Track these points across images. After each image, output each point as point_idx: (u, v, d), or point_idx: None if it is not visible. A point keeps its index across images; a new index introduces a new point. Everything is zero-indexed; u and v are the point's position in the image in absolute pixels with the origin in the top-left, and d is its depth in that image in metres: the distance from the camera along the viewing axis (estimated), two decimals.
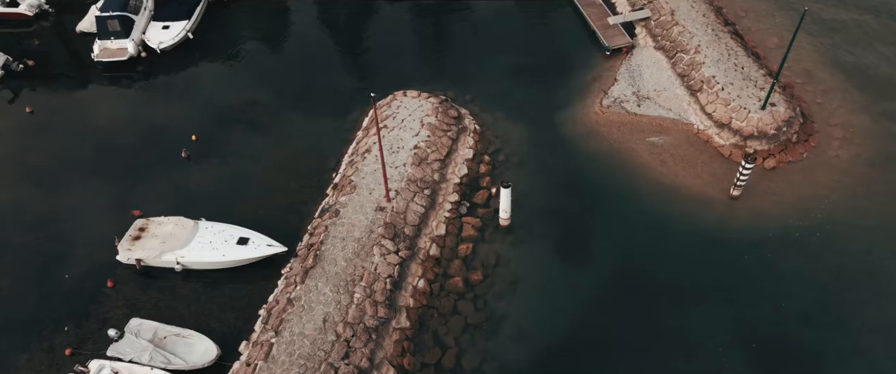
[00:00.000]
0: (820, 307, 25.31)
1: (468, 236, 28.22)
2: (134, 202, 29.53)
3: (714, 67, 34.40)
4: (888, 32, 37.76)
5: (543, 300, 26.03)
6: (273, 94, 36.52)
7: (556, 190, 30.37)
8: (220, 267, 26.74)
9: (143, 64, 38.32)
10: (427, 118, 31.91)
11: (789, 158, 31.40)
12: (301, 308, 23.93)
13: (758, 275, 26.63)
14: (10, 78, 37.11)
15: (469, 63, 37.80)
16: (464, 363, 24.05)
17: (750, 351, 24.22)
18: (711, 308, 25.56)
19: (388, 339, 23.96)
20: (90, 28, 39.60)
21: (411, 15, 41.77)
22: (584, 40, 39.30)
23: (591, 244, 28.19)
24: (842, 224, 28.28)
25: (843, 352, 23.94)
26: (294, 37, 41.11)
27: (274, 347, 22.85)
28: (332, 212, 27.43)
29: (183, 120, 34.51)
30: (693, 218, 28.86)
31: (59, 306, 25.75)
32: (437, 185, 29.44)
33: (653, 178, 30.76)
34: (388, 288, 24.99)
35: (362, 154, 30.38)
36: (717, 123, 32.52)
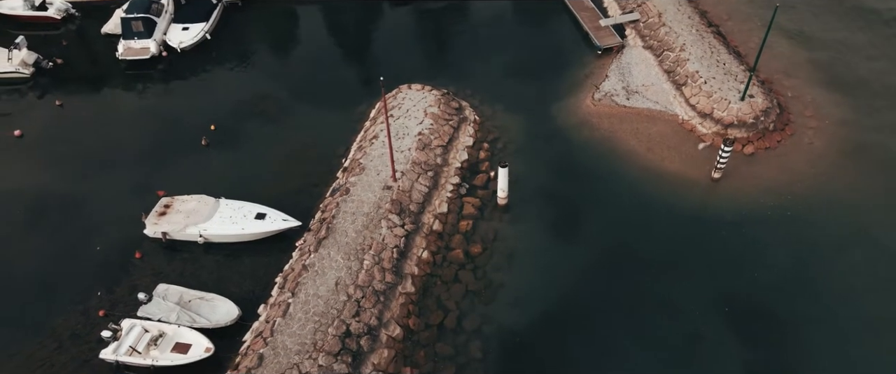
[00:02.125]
0: (791, 278, 27.39)
1: (468, 214, 30.49)
2: (158, 185, 31.79)
3: (698, 63, 36.95)
4: (862, 34, 40.42)
5: (538, 271, 28.19)
6: (285, 89, 39.11)
7: (550, 173, 32.70)
8: (239, 240, 28.98)
9: (163, 62, 40.94)
10: (430, 108, 34.39)
11: (766, 145, 33.76)
12: (315, 273, 26.14)
13: (735, 249, 28.79)
14: (40, 75, 39.69)
15: (469, 62, 40.41)
16: (464, 324, 26.15)
17: (726, 315, 26.29)
18: (692, 278, 27.66)
19: (395, 302, 26.12)
20: (115, 30, 42.30)
21: (414, 18, 44.52)
22: (577, 41, 41.94)
23: (583, 222, 30.42)
24: (813, 205, 30.50)
25: (811, 317, 25.95)
26: (304, 38, 43.86)
27: (291, 306, 25.03)
28: (343, 190, 29.77)
29: (202, 112, 36.98)
30: (677, 198, 31.13)
31: (92, 274, 27.94)
32: (439, 168, 31.80)
33: (640, 163, 33.10)
34: (395, 257, 27.21)
35: (370, 140, 32.80)
36: (700, 113, 34.94)
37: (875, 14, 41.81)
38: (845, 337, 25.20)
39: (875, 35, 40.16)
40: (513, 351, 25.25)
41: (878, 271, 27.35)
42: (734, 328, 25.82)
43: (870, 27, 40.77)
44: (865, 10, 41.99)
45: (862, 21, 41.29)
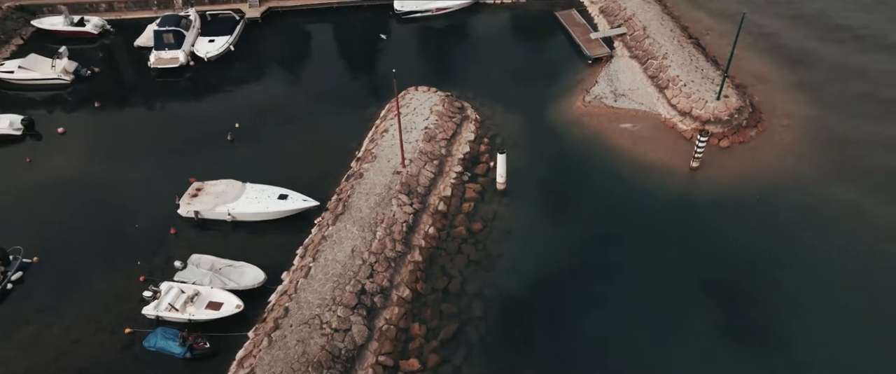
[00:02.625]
0: (758, 251, 30.26)
1: (470, 197, 33.74)
2: (189, 173, 35.02)
3: (678, 68, 40.73)
4: (828, 44, 44.40)
5: (532, 245, 31.25)
6: (302, 94, 42.98)
7: (545, 164, 36.05)
8: (263, 218, 32.18)
9: (190, 71, 44.84)
10: (435, 107, 38.02)
11: (740, 140, 37.19)
12: (333, 242, 29.28)
13: (710, 228, 31.80)
14: (79, 82, 43.50)
15: (470, 70, 44.29)
16: (467, 288, 29.12)
17: (699, 284, 29.08)
18: (670, 253, 30.54)
19: (404, 268, 29.17)
20: (146, 43, 46.37)
21: (419, 32, 48.68)
22: (569, 52, 45.92)
23: (574, 204, 33.61)
24: (782, 191, 33.68)
25: (776, 287, 28.70)
26: (318, 50, 47.98)
27: (312, 269, 28.08)
28: (357, 175, 33.13)
29: (226, 113, 40.63)
30: (659, 185, 34.38)
31: (132, 247, 31.04)
32: (443, 158, 35.20)
33: (626, 155, 36.50)
34: (404, 230, 30.36)
35: (381, 133, 36.33)
36: (680, 112, 38.52)
37: (842, 29, 45.92)
38: (804, 300, 28.04)
39: (840, 48, 44.12)
40: (510, 311, 28.14)
41: (833, 246, 30.35)
42: (706, 295, 28.63)
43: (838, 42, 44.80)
44: (831, 27, 46.08)
45: (828, 36, 45.34)
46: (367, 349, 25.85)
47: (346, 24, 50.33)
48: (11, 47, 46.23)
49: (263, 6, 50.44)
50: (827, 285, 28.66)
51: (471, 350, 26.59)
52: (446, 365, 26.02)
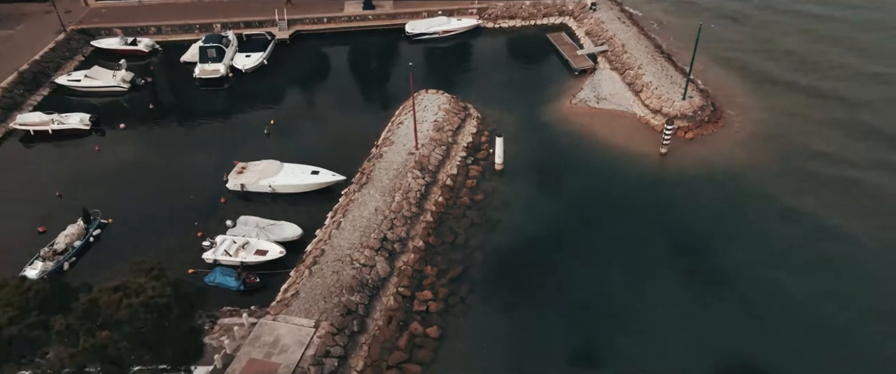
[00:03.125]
0: (713, 220, 35.77)
1: (473, 175, 39.82)
2: (233, 158, 41.19)
3: (651, 76, 47.50)
4: (780, 56, 51.35)
5: (526, 212, 37.07)
6: (327, 98, 49.78)
7: (537, 151, 42.24)
8: (298, 190, 38.17)
9: (229, 81, 51.70)
10: (443, 105, 44.57)
11: (703, 132, 43.51)
12: (359, 204, 35.22)
13: (676, 203, 37.54)
14: (134, 90, 50.25)
15: (473, 80, 51.15)
16: (470, 242, 34.77)
17: (663, 240, 34.72)
18: (641, 223, 36.02)
19: (418, 225, 34.98)
20: (191, 58, 53.42)
21: (426, 50, 55.80)
22: (559, 66, 52.86)
23: (562, 182, 39.57)
24: (737, 173, 39.66)
25: (725, 242, 34.24)
26: (339, 64, 55.10)
27: (342, 222, 33.92)
28: (378, 155, 39.33)
29: (261, 113, 47.23)
30: (633, 167, 40.48)
31: (189, 213, 36.90)
32: (450, 145, 41.48)
33: (606, 144, 42.75)
34: (418, 197, 36.32)
35: (397, 125, 42.74)
36: (652, 110, 45.01)
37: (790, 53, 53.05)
38: (745, 250, 33.59)
39: (789, 62, 51.06)
40: (506, 259, 33.72)
41: (771, 212, 36.13)
42: (670, 256, 34.13)
43: (785, 57, 51.84)
44: (781, 51, 53.18)
45: (780, 53, 52.41)
46: (388, 282, 31.48)
47: (363, 45, 57.62)
48: (74, 62, 53.29)
49: (291, 29, 57.78)
50: (764, 240, 34.30)
51: (474, 286, 32.12)
52: (453, 296, 31.50)
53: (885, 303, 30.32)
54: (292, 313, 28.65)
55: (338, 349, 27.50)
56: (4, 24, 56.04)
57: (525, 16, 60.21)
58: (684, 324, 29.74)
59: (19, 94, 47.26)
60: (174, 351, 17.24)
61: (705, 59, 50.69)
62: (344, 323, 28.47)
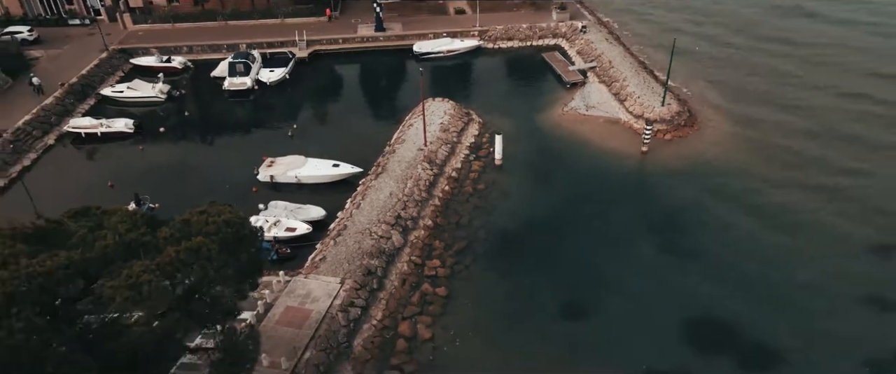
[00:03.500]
0: (688, 208, 40.59)
1: (475, 169, 44.95)
2: (262, 155, 46.49)
3: (635, 87, 53.10)
4: (749, 77, 57.08)
5: (522, 200, 42.03)
6: (343, 107, 55.35)
7: (532, 151, 47.43)
8: (321, 181, 43.23)
9: (255, 93, 57.35)
10: (448, 111, 50.04)
11: (680, 135, 48.77)
12: (376, 189, 40.27)
13: (654, 192, 42.54)
14: (170, 100, 55.85)
15: (474, 92, 56.81)
16: (473, 223, 39.63)
17: (642, 223, 39.57)
18: (624, 211, 40.87)
19: (427, 208, 39.95)
20: (220, 73, 59.21)
21: (434, 67, 61.54)
22: (552, 81, 58.58)
23: (554, 175, 44.65)
24: (709, 169, 44.68)
25: (698, 225, 39.09)
26: (353, 78, 61.05)
27: (361, 204, 38.93)
28: (391, 151, 44.54)
29: (285, 120, 52.69)
30: (617, 163, 45.62)
31: (225, 200, 40.87)
32: (455, 144, 46.76)
33: (594, 144, 48.00)
34: (427, 185, 41.39)
35: (407, 127, 48.11)
36: (635, 115, 50.40)
37: (761, 67, 58.82)
38: (716, 232, 38.41)
39: (759, 75, 56.78)
40: (505, 237, 38.52)
41: (738, 201, 41.07)
42: (645, 228, 39.02)
43: (755, 71, 57.57)
44: (752, 64, 58.97)
45: (748, 68, 58.19)
46: (402, 252, 36.31)
47: (375, 63, 63.60)
48: (116, 77, 59.10)
49: (310, 49, 63.78)
50: (729, 223, 39.07)
51: (476, 257, 36.87)
52: (459, 265, 36.23)
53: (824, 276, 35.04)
54: (321, 273, 33.45)
55: (360, 301, 32.19)
56: (52, 45, 62.09)
57: (522, 37, 66.31)
58: (655, 286, 34.38)
59: (70, 103, 52.84)
60: (248, 259, 22.05)
61: (686, 74, 56.55)
62: (365, 281, 33.22)
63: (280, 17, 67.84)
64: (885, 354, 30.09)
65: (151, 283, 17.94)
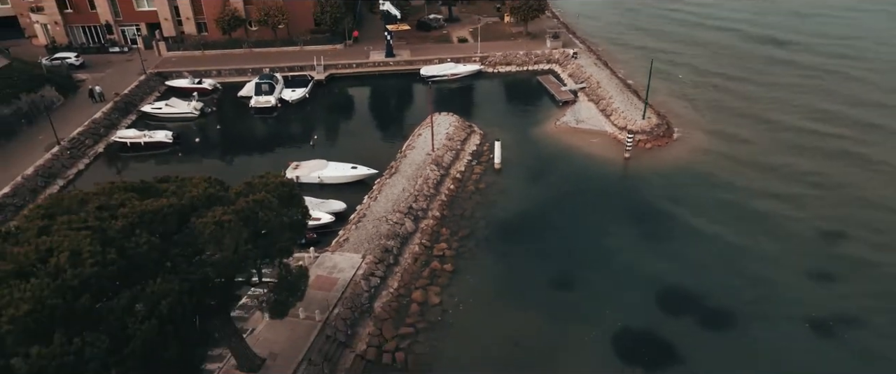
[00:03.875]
0: (665, 204, 46.47)
1: (477, 172, 50.86)
2: (288, 160, 52.45)
3: (619, 104, 59.49)
4: (720, 94, 63.53)
5: (519, 197, 47.78)
6: (358, 121, 61.79)
7: (528, 157, 53.43)
8: (341, 181, 49.06)
9: (278, 110, 63.76)
10: (452, 124, 56.29)
11: (659, 144, 54.85)
12: (390, 185, 46.09)
13: (635, 192, 48.34)
14: (203, 116, 62.24)
15: (476, 109, 63.21)
16: (476, 215, 45.26)
17: (625, 215, 45.29)
18: (609, 208, 46.56)
19: (435, 202, 45.69)
20: (246, 93, 65.76)
21: (439, 89, 68.11)
22: (546, 100, 65.05)
23: (547, 177, 50.50)
24: (682, 171, 50.63)
25: (671, 218, 44.77)
26: (366, 98, 67.62)
27: (378, 197, 44.70)
28: (403, 155, 50.56)
29: (306, 132, 58.90)
30: (603, 167, 51.56)
31: None
32: (458, 151, 52.82)
33: (583, 152, 54.02)
34: (435, 183, 47.23)
35: (417, 137, 54.26)
36: (619, 127, 56.59)
37: (732, 88, 65.39)
38: (687, 222, 44.09)
39: (730, 95, 63.24)
40: (503, 226, 44.12)
41: (708, 199, 46.87)
42: (626, 218, 44.75)
43: (726, 89, 64.06)
44: (722, 88, 65.54)
45: (720, 90, 64.71)
46: (414, 236, 41.92)
47: (386, 85, 70.31)
48: (153, 96, 65.65)
49: (326, 72, 70.51)
50: (699, 216, 44.80)
51: (478, 242, 42.42)
52: (463, 248, 41.75)
53: (772, 256, 40.55)
54: (345, 250, 39.03)
55: (379, 273, 37.68)
56: (96, 69, 68.84)
57: (519, 63, 73.16)
58: (630, 264, 39.85)
59: (115, 118, 59.20)
60: (296, 213, 27.72)
61: (667, 94, 63.19)
62: (383, 257, 38.76)
63: (299, 45, 74.92)
64: (821, 313, 35.34)
65: (231, 222, 23.64)
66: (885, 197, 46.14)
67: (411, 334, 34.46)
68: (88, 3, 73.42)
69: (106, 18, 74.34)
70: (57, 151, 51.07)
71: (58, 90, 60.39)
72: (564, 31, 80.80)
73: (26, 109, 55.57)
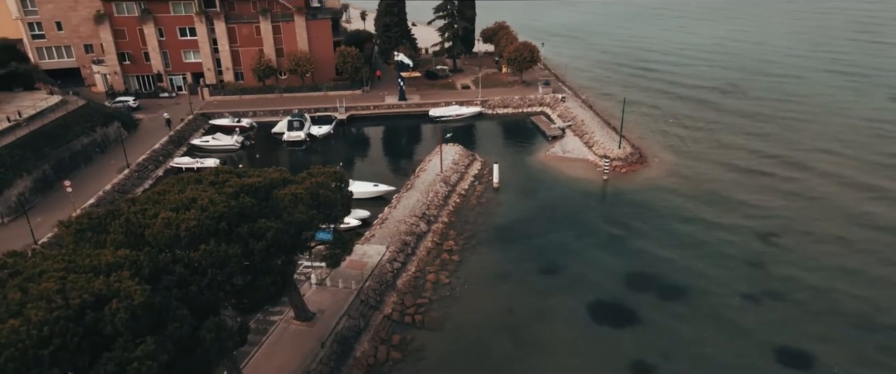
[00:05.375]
0: (636, 217, 56.04)
1: (478, 190, 60.65)
2: None
3: (600, 137, 69.98)
4: (686, 130, 74.07)
5: (514, 210, 57.29)
6: (375, 152, 72.26)
7: (521, 179, 63.33)
8: (363, 196, 58.37)
9: (307, 144, 74.25)
10: (458, 153, 66.55)
11: (632, 169, 64.83)
12: (407, 198, 55.76)
13: (611, 206, 58.05)
14: (243, 148, 72.70)
15: (477, 143, 73.68)
16: (478, 222, 54.71)
17: (603, 227, 54.72)
18: (588, 216, 56.32)
19: (444, 211, 55.22)
20: (279, 130, 76.52)
21: (444, 127, 78.84)
22: (538, 136, 75.62)
23: (538, 195, 60.18)
24: (653, 191, 60.38)
25: (641, 232, 54.25)
26: (383, 134, 78.12)
27: (397, 206, 54.28)
28: (416, 175, 60.50)
29: (332, 160, 69.00)
30: (585, 186, 61.37)
31: None
32: (463, 173, 62.79)
33: (568, 175, 63.95)
34: (443, 197, 56.91)
35: (428, 161, 64.39)
36: (599, 155, 66.77)
37: (700, 127, 76.05)
38: (655, 233, 53.45)
39: (694, 133, 73.77)
40: (501, 230, 53.50)
41: (672, 214, 56.42)
42: (602, 227, 54.15)
43: (692, 128, 74.65)
44: (689, 127, 76.21)
45: (687, 128, 75.35)
46: (427, 235, 51.28)
47: (399, 124, 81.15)
48: (200, 132, 76.33)
49: (348, 113, 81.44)
50: (664, 224, 54.24)
51: (480, 241, 51.64)
52: (467, 244, 50.98)
53: (718, 253, 49.80)
54: (372, 243, 48.33)
55: (400, 260, 46.85)
56: (150, 111, 79.87)
57: (515, 106, 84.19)
58: (603, 259, 48.96)
59: (171, 148, 69.63)
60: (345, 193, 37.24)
61: (643, 130, 73.79)
62: (403, 248, 48.01)
63: (324, 90, 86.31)
64: (751, 290, 44.21)
65: (301, 194, 33.24)
66: (810, 216, 55.67)
67: (426, 303, 43.34)
68: (144, 55, 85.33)
69: (158, 69, 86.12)
70: (127, 173, 61.10)
71: (122, 126, 71.04)
72: (554, 80, 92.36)
73: (100, 140, 66.02)
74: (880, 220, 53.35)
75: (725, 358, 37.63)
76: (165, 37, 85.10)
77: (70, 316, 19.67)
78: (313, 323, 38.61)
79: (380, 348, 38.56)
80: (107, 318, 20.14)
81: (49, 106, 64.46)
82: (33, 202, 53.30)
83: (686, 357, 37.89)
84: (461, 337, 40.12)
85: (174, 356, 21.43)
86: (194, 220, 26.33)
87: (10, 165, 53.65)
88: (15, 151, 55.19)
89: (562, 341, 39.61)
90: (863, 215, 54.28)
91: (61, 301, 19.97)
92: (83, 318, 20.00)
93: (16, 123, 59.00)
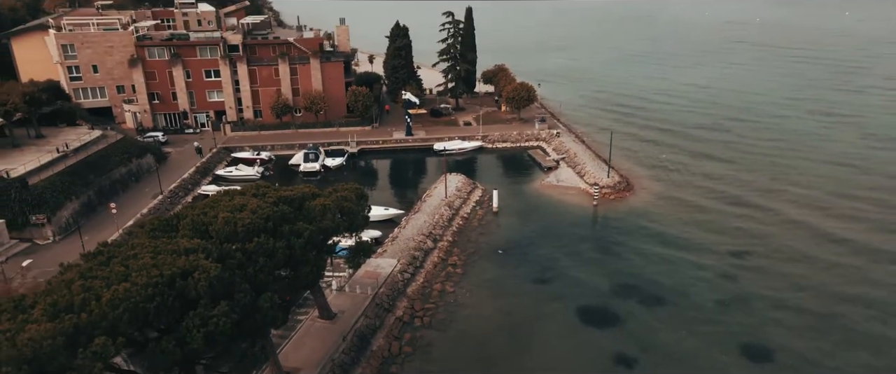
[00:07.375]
0: (622, 238, 62.02)
1: (479, 214, 66.71)
2: None
3: (591, 168, 76.46)
4: (676, 160, 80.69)
5: (512, 231, 63.19)
6: (384, 182, 78.56)
7: (519, 204, 69.46)
8: (376, 219, 64.06)
9: (321, 174, 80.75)
10: (460, 181, 72.92)
11: (621, 196, 71.02)
12: (415, 220, 61.75)
13: (600, 228, 64.04)
14: (263, 178, 79.05)
15: (478, 173, 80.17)
16: (479, 240, 60.48)
17: (593, 247, 60.58)
18: (579, 236, 62.27)
19: (448, 231, 61.11)
20: (296, 161, 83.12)
21: (450, 160, 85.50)
22: (534, 168, 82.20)
23: (533, 218, 66.19)
24: (639, 215, 66.45)
25: (628, 253, 60.10)
26: (391, 166, 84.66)
27: (406, 226, 60.21)
28: (423, 200, 66.65)
29: None
30: (577, 210, 67.44)
31: None
32: (465, 199, 68.99)
33: (561, 201, 70.11)
34: (447, 219, 62.91)
35: (433, 188, 70.65)
36: (590, 183, 73.06)
37: (684, 160, 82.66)
38: (642, 252, 59.25)
39: (678, 164, 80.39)
40: (499, 248, 59.30)
41: (655, 236, 62.38)
42: (595, 249, 60.00)
43: (679, 161, 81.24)
44: (673, 160, 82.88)
45: (672, 161, 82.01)
46: (433, 251, 57.07)
47: (406, 157, 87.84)
48: (223, 164, 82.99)
49: (358, 147, 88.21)
50: (647, 244, 60.12)
51: (481, 256, 57.40)
52: (470, 259, 56.70)
53: (696, 268, 55.53)
54: (385, 256, 54.12)
55: (410, 271, 52.54)
56: (177, 145, 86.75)
57: (513, 141, 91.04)
58: (591, 272, 54.64)
59: (198, 178, 76.12)
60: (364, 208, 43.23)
61: (632, 163, 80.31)
62: (412, 262, 53.76)
63: (336, 126, 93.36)
64: (724, 296, 49.74)
65: (329, 205, 39.36)
66: (780, 238, 61.56)
67: (433, 307, 48.89)
68: (171, 95, 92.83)
69: (184, 107, 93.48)
70: (161, 199, 67.36)
71: (154, 158, 77.72)
72: (550, 117, 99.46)
73: (135, 170, 72.58)
74: (842, 242, 59.20)
75: (698, 353, 42.97)
76: (192, 78, 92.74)
77: (165, 282, 25.61)
78: (335, 321, 44.14)
79: (393, 343, 43.97)
80: (191, 284, 26.05)
81: (91, 139, 71.24)
82: (80, 223, 59.33)
83: (663, 352, 43.22)
84: (464, 336, 45.53)
85: (241, 318, 27.18)
86: (248, 219, 32.42)
87: (61, 189, 59.97)
88: (65, 179, 61.59)
89: (554, 338, 44.99)
90: (826, 236, 60.16)
91: (157, 272, 25.93)
92: (174, 284, 25.92)
93: (64, 154, 65.60)
